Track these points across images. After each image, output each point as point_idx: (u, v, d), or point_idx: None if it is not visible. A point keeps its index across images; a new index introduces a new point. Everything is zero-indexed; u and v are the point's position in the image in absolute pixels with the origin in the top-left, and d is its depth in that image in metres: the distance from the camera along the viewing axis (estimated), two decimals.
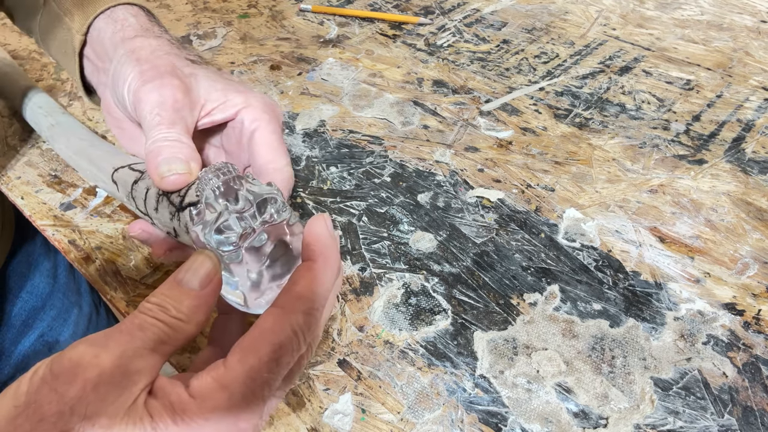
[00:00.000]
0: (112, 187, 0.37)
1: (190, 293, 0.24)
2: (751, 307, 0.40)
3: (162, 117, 0.32)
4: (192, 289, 0.24)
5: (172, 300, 0.23)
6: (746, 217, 0.46)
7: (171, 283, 0.24)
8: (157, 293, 0.24)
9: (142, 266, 0.43)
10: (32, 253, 0.57)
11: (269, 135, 0.35)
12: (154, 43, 0.36)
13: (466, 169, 0.51)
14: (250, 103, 0.35)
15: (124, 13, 0.38)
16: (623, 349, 0.38)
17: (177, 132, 0.32)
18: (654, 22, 0.70)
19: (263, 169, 0.34)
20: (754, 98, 0.58)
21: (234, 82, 0.37)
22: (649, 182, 0.49)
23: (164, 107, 0.32)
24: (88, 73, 0.40)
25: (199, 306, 0.24)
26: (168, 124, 0.32)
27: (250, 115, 0.35)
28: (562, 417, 0.35)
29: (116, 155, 0.39)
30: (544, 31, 0.69)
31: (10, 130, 0.55)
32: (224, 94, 0.35)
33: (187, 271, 0.24)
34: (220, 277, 0.25)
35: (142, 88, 0.33)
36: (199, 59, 0.38)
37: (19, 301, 0.55)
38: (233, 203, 0.28)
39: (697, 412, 0.35)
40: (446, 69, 0.63)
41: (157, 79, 0.33)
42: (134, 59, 0.34)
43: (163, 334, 0.23)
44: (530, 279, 0.42)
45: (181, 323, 0.23)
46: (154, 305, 0.23)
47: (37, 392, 0.20)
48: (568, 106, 0.57)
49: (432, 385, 0.36)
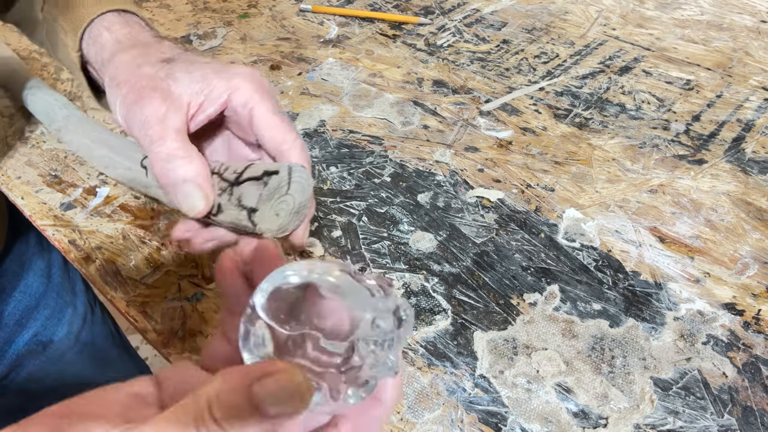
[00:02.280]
0: (140, 174, 0.38)
1: (264, 422, 0.18)
2: (750, 307, 0.40)
3: (151, 135, 0.33)
4: (268, 415, 0.18)
5: (240, 427, 0.18)
6: (746, 217, 0.46)
7: (243, 401, 0.18)
8: (223, 408, 0.18)
9: (142, 266, 0.43)
10: (25, 253, 0.57)
11: (267, 115, 0.35)
12: (127, 58, 0.37)
13: (466, 169, 0.51)
14: (236, 86, 0.35)
15: (99, 27, 0.40)
16: (623, 349, 0.38)
17: (170, 142, 0.32)
18: (654, 22, 0.70)
19: (276, 152, 0.35)
20: (754, 98, 0.58)
21: (211, 64, 0.36)
22: (649, 182, 0.49)
23: (149, 124, 0.33)
24: (99, 82, 0.41)
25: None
26: (159, 140, 0.33)
27: (240, 99, 0.35)
28: (561, 417, 0.35)
29: (137, 145, 0.41)
30: (544, 31, 0.69)
31: (10, 130, 0.55)
32: (205, 83, 0.35)
33: (269, 395, 0.18)
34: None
35: (127, 114, 0.34)
36: (173, 51, 0.38)
37: (12, 301, 0.54)
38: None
39: (697, 412, 0.35)
40: (446, 69, 0.63)
41: (138, 101, 0.34)
42: (115, 85, 0.36)
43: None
44: (530, 279, 0.42)
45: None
46: (215, 430, 0.18)
47: None
48: (568, 106, 0.57)
49: (432, 385, 0.36)
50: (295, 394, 0.18)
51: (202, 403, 0.18)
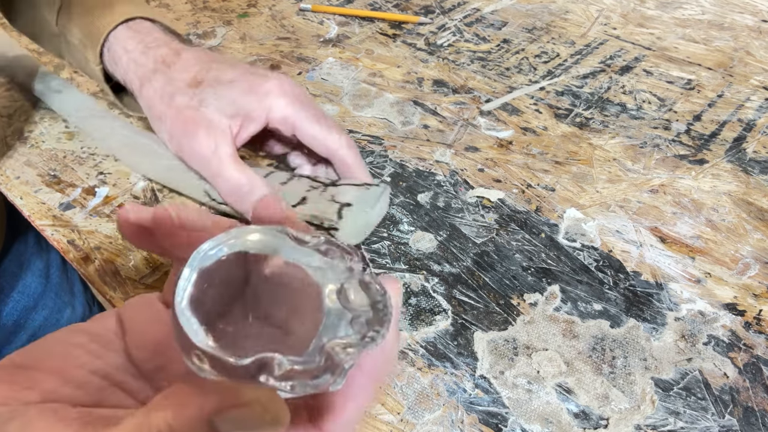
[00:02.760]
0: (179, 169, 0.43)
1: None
2: (752, 307, 0.40)
3: (212, 170, 0.37)
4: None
5: None
6: (747, 217, 0.46)
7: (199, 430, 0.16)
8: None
9: (141, 266, 0.43)
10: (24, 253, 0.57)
11: (306, 125, 0.37)
12: (157, 86, 0.40)
13: (467, 168, 0.50)
14: (269, 106, 0.37)
15: (116, 48, 0.42)
16: (624, 349, 0.38)
17: (230, 172, 0.37)
18: (655, 22, 0.70)
19: (328, 155, 0.38)
20: (755, 98, 0.58)
21: (238, 84, 0.38)
22: (649, 182, 0.49)
23: (206, 160, 0.37)
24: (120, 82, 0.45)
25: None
26: (218, 174, 0.37)
27: (277, 116, 0.37)
28: (562, 417, 0.35)
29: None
30: (545, 30, 0.69)
31: (9, 129, 0.55)
32: (239, 107, 0.37)
33: (235, 429, 0.16)
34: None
35: (179, 146, 0.39)
36: (194, 67, 0.40)
37: (10, 301, 0.54)
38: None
39: (698, 413, 0.35)
40: (446, 68, 0.62)
41: (185, 134, 0.38)
42: (156, 118, 0.39)
43: None
44: (530, 279, 0.42)
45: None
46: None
47: None
48: (568, 106, 0.57)
49: (432, 385, 0.36)
50: (267, 424, 0.15)
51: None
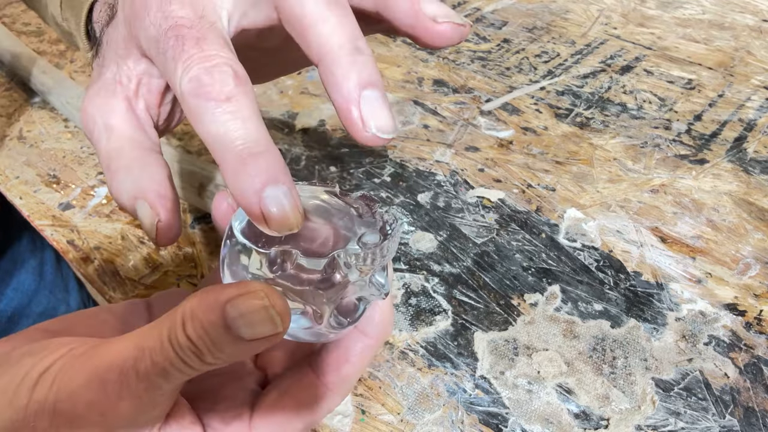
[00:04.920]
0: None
1: (238, 344, 0.17)
2: (752, 307, 0.40)
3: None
4: (242, 338, 0.17)
5: (213, 347, 0.17)
6: (748, 217, 0.46)
7: (215, 321, 0.17)
8: (196, 325, 0.17)
9: (140, 266, 0.43)
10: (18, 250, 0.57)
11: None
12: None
13: (467, 168, 0.50)
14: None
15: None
16: (624, 349, 0.38)
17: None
18: (655, 21, 0.70)
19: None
20: (755, 98, 0.58)
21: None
22: (650, 182, 0.49)
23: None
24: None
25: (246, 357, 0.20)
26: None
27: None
28: (563, 418, 0.34)
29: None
30: (545, 30, 0.69)
31: (8, 129, 0.55)
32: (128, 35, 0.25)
33: (241, 316, 0.17)
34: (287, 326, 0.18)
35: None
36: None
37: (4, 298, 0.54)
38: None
39: (699, 413, 0.35)
40: (446, 68, 0.62)
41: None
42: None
43: (187, 378, 0.18)
44: (531, 279, 0.42)
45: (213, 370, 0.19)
46: (187, 346, 0.17)
47: (36, 417, 0.18)
48: (569, 106, 0.57)
49: (432, 385, 0.36)
50: (269, 316, 0.17)
51: (177, 320, 0.17)
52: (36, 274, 0.58)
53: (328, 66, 0.20)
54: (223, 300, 0.17)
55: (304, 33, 0.20)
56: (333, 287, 0.20)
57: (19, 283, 0.56)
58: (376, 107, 0.20)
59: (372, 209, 0.23)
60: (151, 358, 0.17)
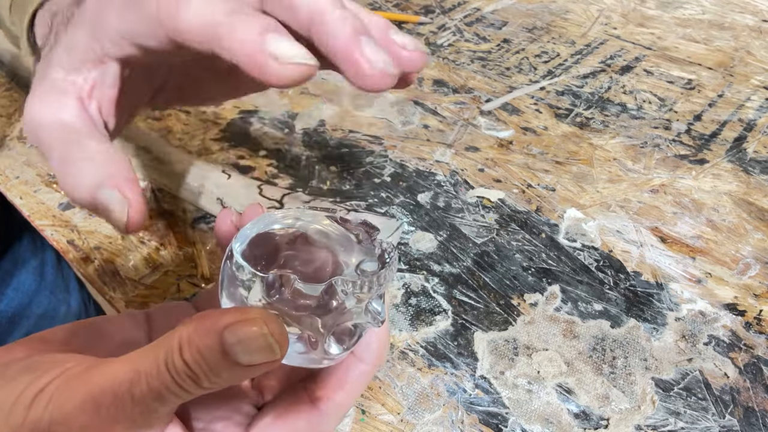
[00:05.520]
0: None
1: (235, 369, 0.18)
2: (752, 307, 0.40)
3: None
4: (240, 364, 0.17)
5: (210, 372, 0.18)
6: (748, 217, 0.46)
7: (213, 347, 0.17)
8: (193, 351, 0.17)
9: (141, 266, 0.43)
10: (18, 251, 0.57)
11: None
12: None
13: (467, 168, 0.50)
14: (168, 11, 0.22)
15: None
16: (624, 349, 0.38)
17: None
18: (655, 22, 0.70)
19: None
20: (755, 98, 0.58)
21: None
22: (650, 182, 0.49)
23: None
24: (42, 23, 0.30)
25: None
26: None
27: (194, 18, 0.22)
28: (562, 418, 0.34)
29: None
30: (545, 30, 0.69)
31: (8, 129, 0.55)
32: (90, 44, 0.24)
33: (239, 343, 0.17)
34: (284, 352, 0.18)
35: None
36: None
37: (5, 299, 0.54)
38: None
39: (699, 413, 0.35)
40: (446, 68, 0.62)
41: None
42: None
43: (183, 401, 0.19)
44: (531, 279, 0.42)
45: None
46: (183, 371, 0.17)
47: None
48: (569, 106, 0.57)
49: (432, 385, 0.36)
50: (268, 344, 0.17)
51: (174, 344, 0.17)
52: (37, 274, 0.58)
53: (322, 23, 0.20)
54: (221, 326, 0.17)
55: (292, 5, 0.21)
56: (330, 313, 0.21)
57: (20, 284, 0.56)
58: (375, 48, 0.21)
59: (372, 236, 0.23)
60: (147, 382, 0.17)
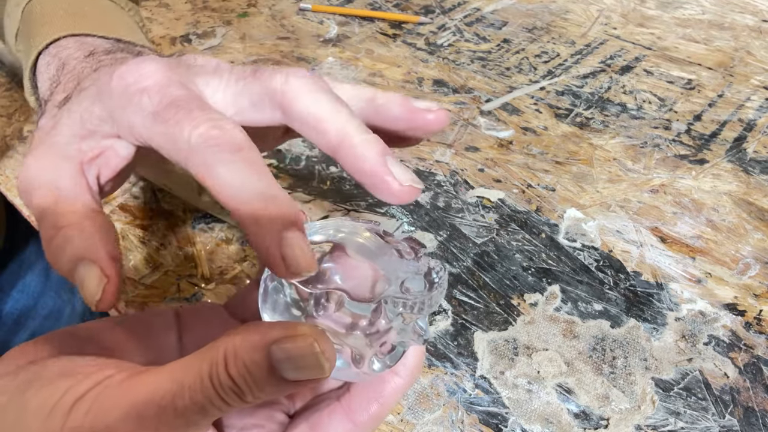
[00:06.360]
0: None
1: (281, 385, 0.17)
2: (752, 307, 0.40)
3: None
4: (285, 380, 0.17)
5: (255, 387, 0.17)
6: (748, 218, 0.46)
7: (260, 362, 0.17)
8: (239, 365, 0.17)
9: (141, 266, 0.43)
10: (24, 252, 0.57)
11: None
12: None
13: (467, 168, 0.50)
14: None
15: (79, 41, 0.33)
16: (624, 349, 0.38)
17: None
18: (655, 22, 0.70)
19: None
20: (755, 98, 0.58)
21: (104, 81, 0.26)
22: (650, 182, 0.49)
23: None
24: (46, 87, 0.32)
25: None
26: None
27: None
28: (562, 418, 0.34)
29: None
30: (545, 30, 0.69)
31: (8, 129, 0.55)
32: (99, 115, 0.25)
33: (288, 359, 0.17)
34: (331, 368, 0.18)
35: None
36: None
37: (10, 300, 0.55)
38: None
39: (698, 413, 0.35)
40: (446, 68, 0.62)
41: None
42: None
43: (224, 414, 0.18)
44: (531, 279, 0.42)
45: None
46: (228, 386, 0.17)
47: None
48: (568, 106, 0.57)
49: (432, 385, 0.36)
50: (318, 362, 0.17)
51: (219, 357, 0.17)
52: (42, 276, 0.58)
53: (350, 146, 0.23)
54: (268, 340, 0.17)
55: (320, 126, 0.24)
56: (377, 332, 0.21)
57: (25, 285, 0.56)
58: (401, 168, 0.22)
59: (417, 253, 0.23)
60: (190, 396, 0.17)
